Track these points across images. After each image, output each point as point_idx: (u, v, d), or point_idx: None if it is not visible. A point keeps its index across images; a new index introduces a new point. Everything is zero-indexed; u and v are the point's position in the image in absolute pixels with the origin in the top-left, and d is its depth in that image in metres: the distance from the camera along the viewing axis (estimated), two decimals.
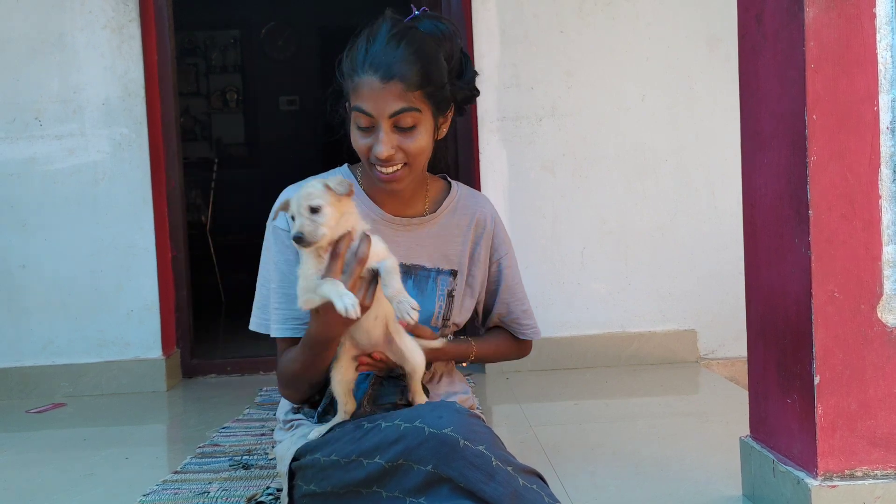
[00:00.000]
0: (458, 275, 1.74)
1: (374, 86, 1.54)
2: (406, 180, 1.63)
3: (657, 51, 3.36)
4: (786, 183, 1.64)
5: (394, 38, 1.56)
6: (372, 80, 1.54)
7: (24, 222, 3.28)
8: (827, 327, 1.57)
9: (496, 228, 1.81)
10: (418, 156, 1.60)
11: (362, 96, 1.55)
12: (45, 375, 3.25)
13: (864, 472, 1.58)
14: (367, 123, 1.57)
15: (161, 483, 2.10)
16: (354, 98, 1.57)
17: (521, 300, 1.85)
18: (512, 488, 1.35)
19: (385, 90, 1.53)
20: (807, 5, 1.55)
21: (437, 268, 1.72)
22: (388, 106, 1.54)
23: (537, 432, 2.45)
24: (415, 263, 1.70)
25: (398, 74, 1.53)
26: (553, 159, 3.37)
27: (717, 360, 3.36)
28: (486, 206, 1.82)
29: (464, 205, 1.78)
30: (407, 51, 1.55)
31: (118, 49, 3.28)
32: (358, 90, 1.56)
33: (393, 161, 1.58)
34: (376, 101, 1.54)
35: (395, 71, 1.53)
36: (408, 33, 1.58)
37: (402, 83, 1.53)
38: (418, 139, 1.58)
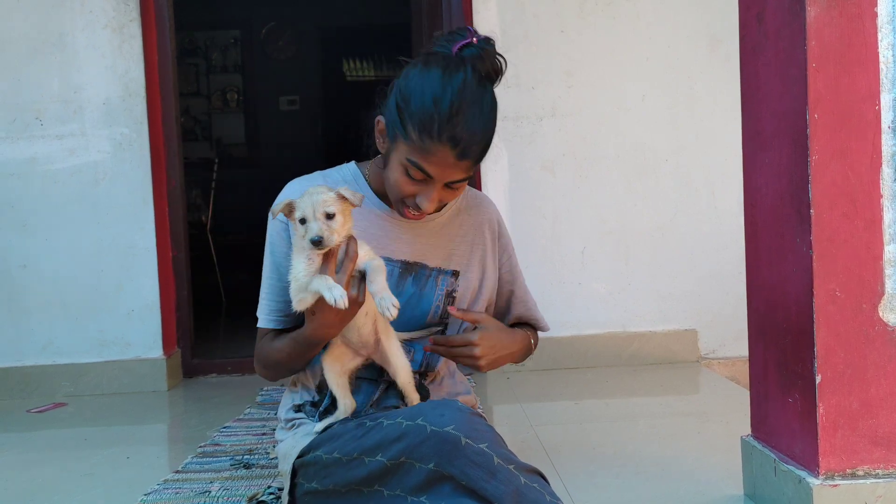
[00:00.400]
0: (461, 276, 1.74)
1: (447, 159, 1.53)
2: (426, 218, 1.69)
3: (657, 51, 3.36)
4: (787, 182, 1.64)
5: (475, 104, 1.53)
6: (446, 153, 1.52)
7: (25, 222, 3.28)
8: (828, 326, 1.57)
9: (501, 230, 1.83)
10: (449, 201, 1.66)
11: (430, 161, 1.53)
12: (46, 375, 3.25)
13: (865, 471, 1.58)
14: (420, 178, 1.56)
15: (162, 482, 2.10)
16: (418, 155, 1.53)
17: (528, 293, 1.90)
18: (513, 487, 1.35)
19: (455, 166, 1.54)
20: (808, 4, 1.55)
21: (438, 267, 1.72)
22: (452, 175, 1.56)
23: (538, 432, 2.45)
24: (416, 261, 1.71)
25: (472, 156, 1.54)
26: (553, 159, 3.37)
27: (717, 360, 3.36)
28: (491, 207, 1.83)
29: (468, 206, 1.79)
30: (485, 120, 1.54)
31: (119, 49, 3.28)
32: (426, 153, 1.53)
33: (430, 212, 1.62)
34: (443, 171, 1.55)
35: (470, 153, 1.54)
36: (483, 98, 1.55)
37: (471, 160, 1.55)
38: (460, 191, 1.63)
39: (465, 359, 1.66)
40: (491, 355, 1.67)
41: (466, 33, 1.60)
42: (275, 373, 1.70)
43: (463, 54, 1.57)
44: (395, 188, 1.60)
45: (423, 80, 1.54)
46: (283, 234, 1.67)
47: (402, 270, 1.69)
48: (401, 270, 1.69)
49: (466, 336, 1.66)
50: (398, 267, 1.69)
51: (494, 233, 1.80)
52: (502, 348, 1.70)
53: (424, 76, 1.54)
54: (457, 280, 1.74)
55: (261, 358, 1.71)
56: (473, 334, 1.66)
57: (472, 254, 1.76)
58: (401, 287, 1.69)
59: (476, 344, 1.65)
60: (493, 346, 1.67)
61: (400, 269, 1.69)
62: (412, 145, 1.53)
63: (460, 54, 1.57)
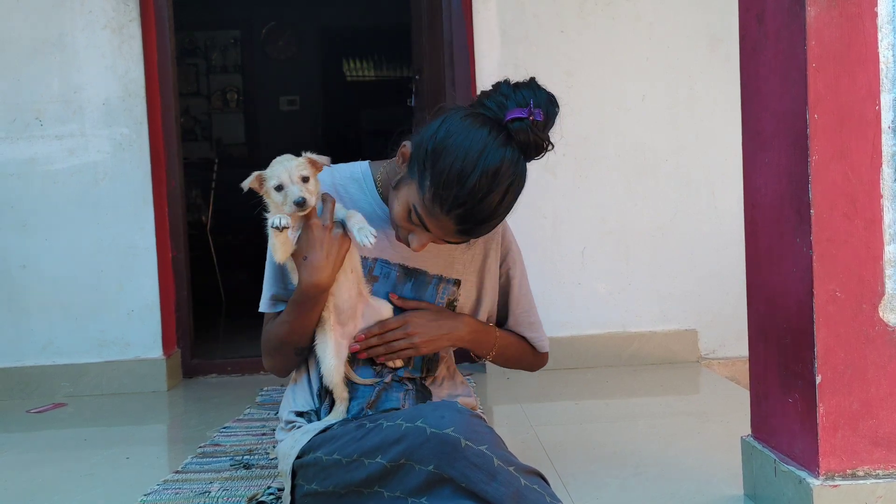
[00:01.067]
0: (463, 285, 1.73)
1: (448, 228, 1.50)
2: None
3: (658, 51, 3.36)
4: (787, 182, 1.64)
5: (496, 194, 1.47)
6: (450, 226, 1.49)
7: (25, 222, 3.27)
8: (828, 327, 1.57)
9: (505, 237, 1.80)
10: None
11: (432, 222, 1.50)
12: (46, 375, 3.25)
13: (865, 471, 1.58)
14: (419, 224, 1.53)
15: (162, 483, 2.10)
16: (424, 209, 1.49)
17: (527, 311, 1.83)
18: (514, 488, 1.35)
19: (456, 236, 1.54)
20: (808, 4, 1.55)
21: (439, 275, 1.71)
22: (448, 238, 1.55)
23: (538, 432, 2.45)
24: (416, 267, 1.70)
25: (475, 236, 1.55)
26: (553, 159, 3.33)
27: (717, 360, 3.36)
28: None
29: None
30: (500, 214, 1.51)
31: (118, 49, 3.28)
32: (432, 215, 1.49)
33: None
34: (442, 234, 1.53)
35: (473, 234, 1.53)
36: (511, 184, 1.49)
37: (473, 238, 1.57)
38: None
39: (401, 340, 1.62)
40: (426, 333, 1.63)
41: (528, 104, 1.51)
42: (282, 356, 1.68)
43: (512, 127, 1.49)
44: (394, 216, 1.59)
45: (460, 142, 1.46)
46: None
47: (399, 274, 1.69)
48: (398, 274, 1.69)
49: (399, 317, 1.64)
50: (395, 270, 1.69)
51: (494, 238, 1.77)
52: (439, 327, 1.65)
53: (464, 137, 1.46)
54: (459, 289, 1.73)
55: (265, 344, 1.70)
56: (406, 314, 1.64)
57: (472, 261, 1.75)
58: (399, 291, 1.68)
59: (409, 321, 1.63)
60: (426, 325, 1.64)
61: (397, 272, 1.69)
62: (423, 199, 1.49)
63: (510, 126, 1.49)
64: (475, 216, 1.48)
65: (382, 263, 1.68)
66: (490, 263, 1.76)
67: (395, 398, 1.67)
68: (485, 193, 1.45)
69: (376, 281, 1.67)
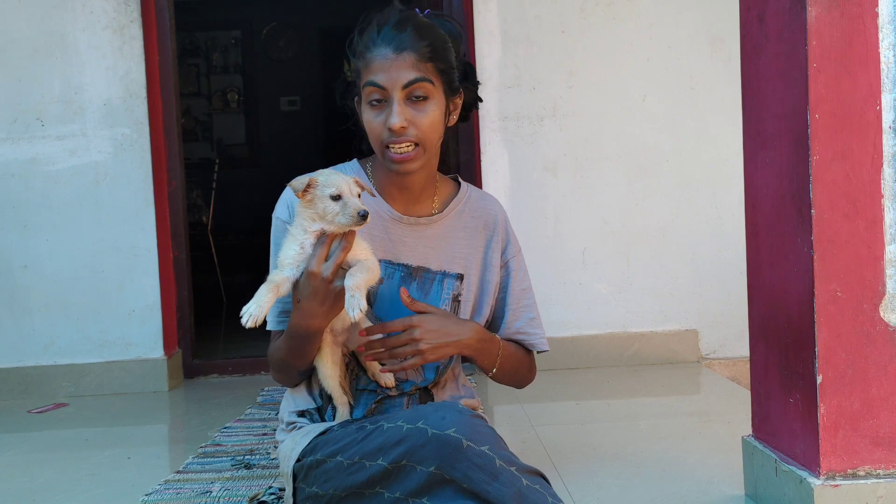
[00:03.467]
0: (466, 279, 1.73)
1: (387, 56, 1.57)
2: (418, 162, 1.62)
3: (659, 51, 3.36)
4: (788, 182, 1.64)
5: (404, 19, 1.61)
6: (385, 52, 1.57)
7: (26, 223, 3.28)
8: (829, 327, 1.57)
9: (507, 230, 1.79)
10: (430, 133, 1.60)
11: (375, 69, 1.58)
12: (47, 375, 3.25)
13: (866, 471, 1.58)
14: (380, 96, 1.58)
15: (163, 483, 2.11)
16: (367, 74, 1.59)
17: (528, 307, 1.80)
18: (516, 488, 1.35)
19: (398, 60, 1.57)
20: (809, 5, 1.55)
21: (442, 270, 1.71)
22: (400, 76, 1.57)
23: (539, 432, 2.45)
24: (420, 265, 1.70)
25: (411, 47, 1.58)
26: (554, 160, 3.37)
27: (718, 360, 3.36)
28: (496, 207, 1.79)
29: (473, 206, 1.77)
30: (417, 30, 1.60)
31: (120, 50, 3.29)
32: (370, 65, 1.59)
33: (405, 135, 1.58)
34: (389, 72, 1.57)
35: (407, 43, 1.58)
36: (416, 18, 1.63)
37: (414, 53, 1.58)
38: (430, 113, 1.60)
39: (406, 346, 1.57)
40: (433, 339, 1.58)
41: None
42: (285, 375, 1.69)
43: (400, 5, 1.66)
44: (372, 133, 1.61)
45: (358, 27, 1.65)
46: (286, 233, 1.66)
47: (404, 275, 1.68)
48: (403, 275, 1.68)
49: (404, 319, 1.58)
50: (400, 271, 1.68)
51: (494, 231, 1.76)
52: (446, 333, 1.60)
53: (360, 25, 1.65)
54: (462, 284, 1.73)
55: (271, 361, 1.70)
56: (413, 317, 1.59)
57: (473, 254, 1.75)
58: None
59: (416, 325, 1.57)
60: (434, 331, 1.58)
61: (402, 273, 1.68)
62: (362, 74, 1.60)
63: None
64: (395, 28, 1.58)
65: (386, 264, 1.67)
66: (491, 255, 1.76)
67: (399, 404, 1.67)
68: (392, 18, 1.60)
69: (381, 283, 1.67)
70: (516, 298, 1.79)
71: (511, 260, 1.79)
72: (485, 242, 1.76)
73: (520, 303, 1.79)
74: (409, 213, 1.71)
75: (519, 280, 1.79)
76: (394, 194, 1.70)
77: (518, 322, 1.79)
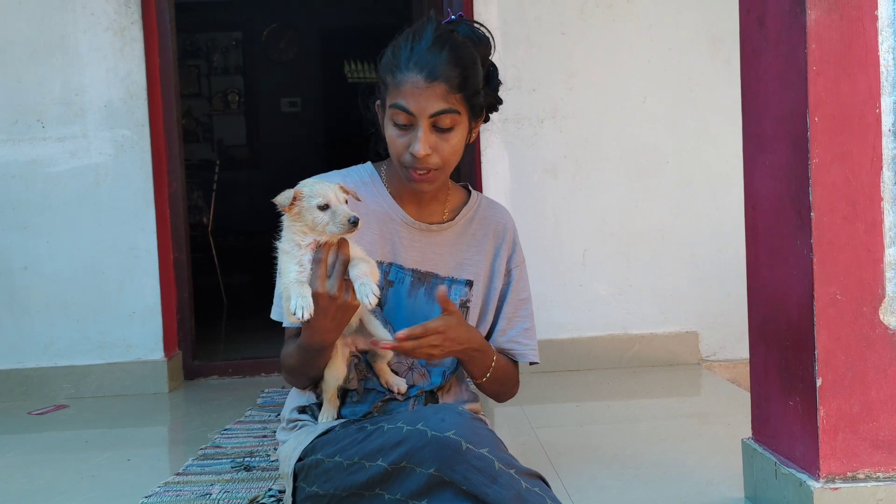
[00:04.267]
0: (475, 286, 1.73)
1: (418, 84, 1.55)
2: (436, 183, 1.63)
3: (659, 52, 3.36)
4: (787, 185, 1.65)
5: (439, 40, 1.57)
6: (416, 79, 1.55)
7: (27, 224, 3.28)
8: (829, 329, 1.57)
9: (514, 240, 1.79)
10: (451, 158, 1.61)
11: (404, 94, 1.56)
12: (47, 377, 3.25)
13: (866, 474, 1.58)
14: (405, 121, 1.57)
15: (163, 485, 2.11)
16: (395, 95, 1.57)
17: (524, 318, 1.79)
18: (515, 491, 1.35)
19: (429, 90, 1.55)
20: (809, 7, 1.55)
21: (451, 277, 1.71)
22: (430, 105, 1.55)
23: (539, 434, 2.45)
24: (429, 271, 1.70)
25: (442, 76, 1.55)
26: (555, 161, 3.37)
27: (718, 362, 3.36)
28: (506, 216, 1.80)
29: (482, 215, 1.77)
30: (452, 54, 1.57)
31: (120, 51, 3.29)
32: (400, 87, 1.56)
33: (428, 162, 1.58)
34: (418, 100, 1.55)
35: (439, 73, 1.55)
36: (451, 37, 1.59)
37: (445, 84, 1.55)
38: (454, 142, 1.59)
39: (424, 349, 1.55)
40: (448, 347, 1.57)
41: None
42: (296, 379, 1.68)
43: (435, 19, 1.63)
44: (393, 149, 1.60)
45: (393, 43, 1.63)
46: None
47: (413, 280, 1.68)
48: (412, 279, 1.68)
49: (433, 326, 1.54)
50: (409, 276, 1.69)
51: (503, 239, 1.76)
52: (460, 342, 1.59)
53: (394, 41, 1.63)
54: (471, 290, 1.73)
55: (283, 365, 1.69)
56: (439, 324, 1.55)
57: (482, 261, 1.75)
58: (413, 297, 1.68)
59: (441, 332, 1.55)
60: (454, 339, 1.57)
61: (412, 278, 1.68)
62: (390, 92, 1.58)
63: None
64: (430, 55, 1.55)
65: (397, 268, 1.68)
66: (498, 263, 1.76)
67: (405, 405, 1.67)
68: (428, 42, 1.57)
69: (391, 286, 1.67)
70: (513, 307, 1.78)
71: (514, 269, 1.79)
72: (493, 250, 1.76)
73: (516, 312, 1.79)
74: (420, 219, 1.71)
75: (518, 290, 1.79)
76: (406, 199, 1.71)
77: (512, 331, 1.78)
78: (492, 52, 1.68)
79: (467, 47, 1.60)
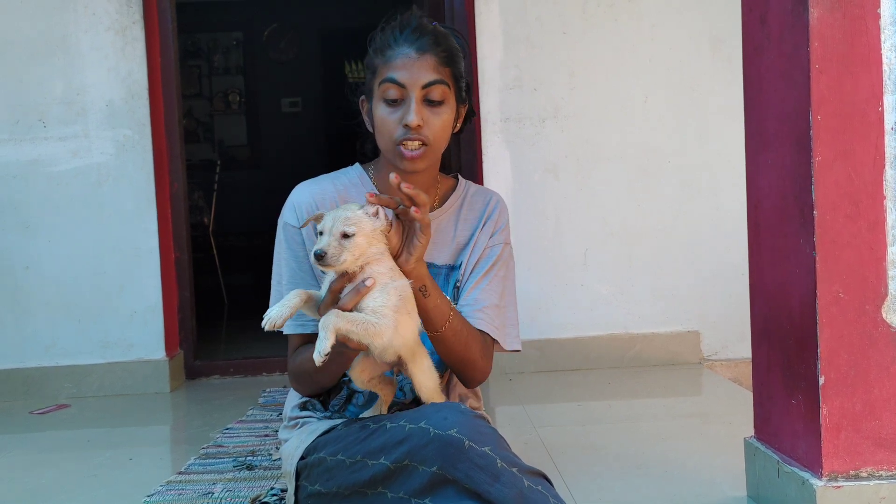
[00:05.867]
0: (464, 265, 1.72)
1: (409, 56, 1.60)
2: (426, 162, 1.62)
3: (660, 51, 3.36)
4: (790, 183, 1.64)
5: (424, 25, 1.64)
6: (408, 51, 1.60)
7: (28, 223, 3.28)
8: (832, 328, 1.57)
9: (501, 219, 1.76)
10: (441, 135, 1.63)
11: (396, 67, 1.60)
12: (49, 376, 3.26)
13: (868, 472, 1.58)
14: (397, 95, 1.60)
15: (165, 484, 2.11)
16: (387, 70, 1.61)
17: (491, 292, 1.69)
18: (517, 489, 1.35)
19: (419, 61, 1.60)
20: (811, 6, 1.55)
21: (448, 264, 1.72)
22: (421, 76, 1.60)
23: (540, 433, 2.45)
24: (427, 262, 1.70)
25: (431, 49, 1.61)
26: (556, 161, 3.37)
27: (720, 362, 3.36)
28: (495, 196, 1.78)
29: (471, 200, 1.76)
30: (439, 36, 1.63)
31: (122, 51, 3.29)
32: (391, 62, 1.61)
33: (420, 133, 1.59)
34: (410, 71, 1.59)
35: (428, 47, 1.61)
36: (435, 26, 1.66)
37: (435, 57, 1.61)
38: (444, 117, 1.62)
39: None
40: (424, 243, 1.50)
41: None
42: (307, 388, 1.67)
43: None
44: (384, 128, 1.61)
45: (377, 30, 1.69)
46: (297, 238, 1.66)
47: None
48: None
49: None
50: None
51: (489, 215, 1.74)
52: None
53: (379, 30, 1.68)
54: (461, 271, 1.72)
55: (292, 373, 1.67)
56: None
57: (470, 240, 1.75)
58: None
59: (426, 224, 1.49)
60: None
61: None
62: (380, 70, 1.62)
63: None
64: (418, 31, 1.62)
65: None
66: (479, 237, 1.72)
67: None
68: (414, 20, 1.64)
69: None
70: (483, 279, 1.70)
71: (495, 247, 1.72)
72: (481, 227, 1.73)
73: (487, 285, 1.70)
74: None
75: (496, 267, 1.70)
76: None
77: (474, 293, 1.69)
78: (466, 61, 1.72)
79: (448, 37, 1.67)
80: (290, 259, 1.67)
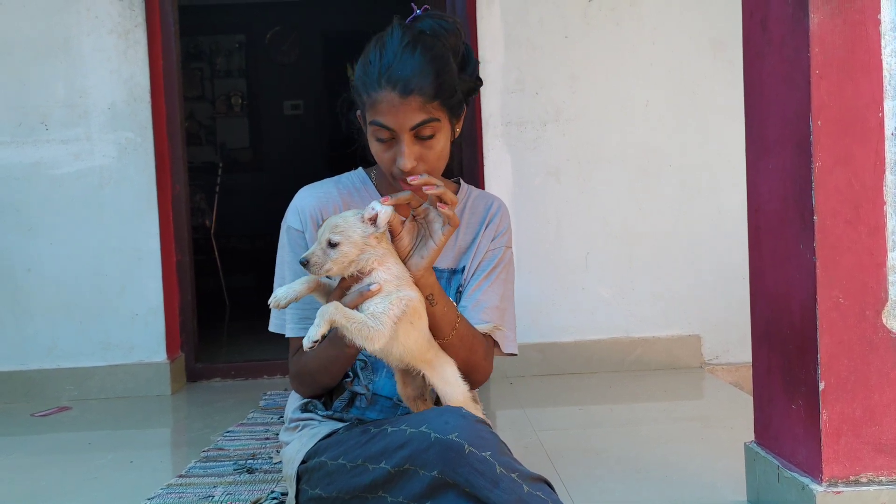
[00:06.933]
0: (466, 269, 1.72)
1: (393, 101, 1.51)
2: None
3: (661, 55, 3.37)
4: (790, 188, 1.65)
5: (407, 47, 1.53)
6: (390, 96, 1.51)
7: (30, 226, 3.29)
8: (832, 333, 1.57)
9: (503, 223, 1.76)
10: (439, 163, 1.60)
11: (381, 111, 1.53)
12: (50, 379, 3.26)
13: (868, 478, 1.58)
14: (387, 136, 1.55)
15: (165, 487, 2.11)
16: (373, 113, 1.54)
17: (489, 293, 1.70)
18: (516, 496, 1.35)
19: (404, 105, 1.51)
20: (812, 11, 1.55)
21: (450, 268, 1.72)
22: (408, 119, 1.52)
23: (541, 437, 2.45)
24: None
25: (416, 88, 1.51)
26: (557, 164, 3.37)
27: (721, 366, 3.36)
28: (497, 201, 1.78)
29: (474, 204, 1.76)
30: (422, 59, 1.52)
31: (124, 54, 3.29)
32: (376, 105, 1.53)
33: (416, 173, 1.55)
34: (396, 116, 1.52)
35: (412, 85, 1.51)
36: (419, 40, 1.55)
37: (420, 97, 1.51)
38: (438, 148, 1.57)
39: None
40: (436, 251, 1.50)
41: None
42: (310, 388, 1.67)
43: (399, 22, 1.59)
44: (380, 162, 1.60)
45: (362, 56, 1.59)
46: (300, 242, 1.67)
47: None
48: None
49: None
50: None
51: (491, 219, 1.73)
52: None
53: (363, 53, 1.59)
54: (463, 274, 1.72)
55: (295, 374, 1.67)
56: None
57: (472, 245, 1.75)
58: None
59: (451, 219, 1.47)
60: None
61: None
62: (367, 109, 1.55)
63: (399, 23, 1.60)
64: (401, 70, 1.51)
65: None
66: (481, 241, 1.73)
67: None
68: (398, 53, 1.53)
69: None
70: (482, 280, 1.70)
71: (496, 250, 1.73)
72: (483, 231, 1.74)
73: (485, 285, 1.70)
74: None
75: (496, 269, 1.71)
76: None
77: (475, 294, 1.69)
78: (462, 37, 1.64)
79: (437, 46, 1.57)
80: (292, 262, 1.67)
